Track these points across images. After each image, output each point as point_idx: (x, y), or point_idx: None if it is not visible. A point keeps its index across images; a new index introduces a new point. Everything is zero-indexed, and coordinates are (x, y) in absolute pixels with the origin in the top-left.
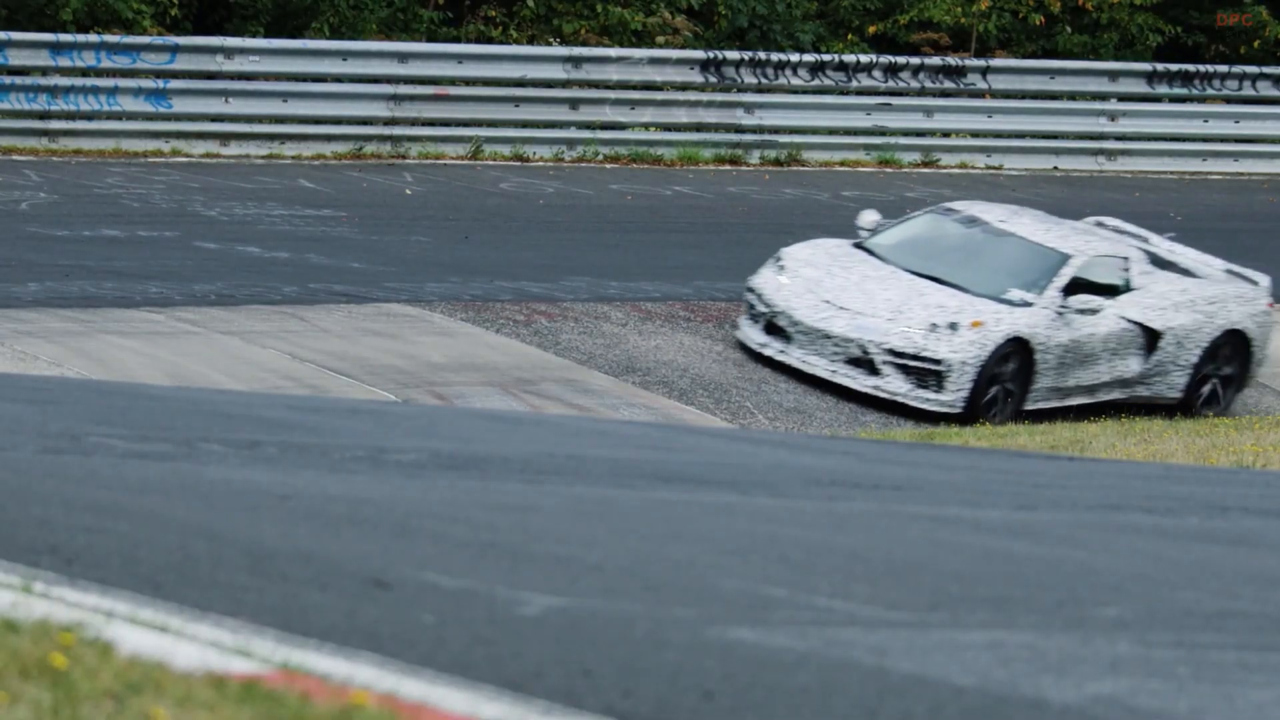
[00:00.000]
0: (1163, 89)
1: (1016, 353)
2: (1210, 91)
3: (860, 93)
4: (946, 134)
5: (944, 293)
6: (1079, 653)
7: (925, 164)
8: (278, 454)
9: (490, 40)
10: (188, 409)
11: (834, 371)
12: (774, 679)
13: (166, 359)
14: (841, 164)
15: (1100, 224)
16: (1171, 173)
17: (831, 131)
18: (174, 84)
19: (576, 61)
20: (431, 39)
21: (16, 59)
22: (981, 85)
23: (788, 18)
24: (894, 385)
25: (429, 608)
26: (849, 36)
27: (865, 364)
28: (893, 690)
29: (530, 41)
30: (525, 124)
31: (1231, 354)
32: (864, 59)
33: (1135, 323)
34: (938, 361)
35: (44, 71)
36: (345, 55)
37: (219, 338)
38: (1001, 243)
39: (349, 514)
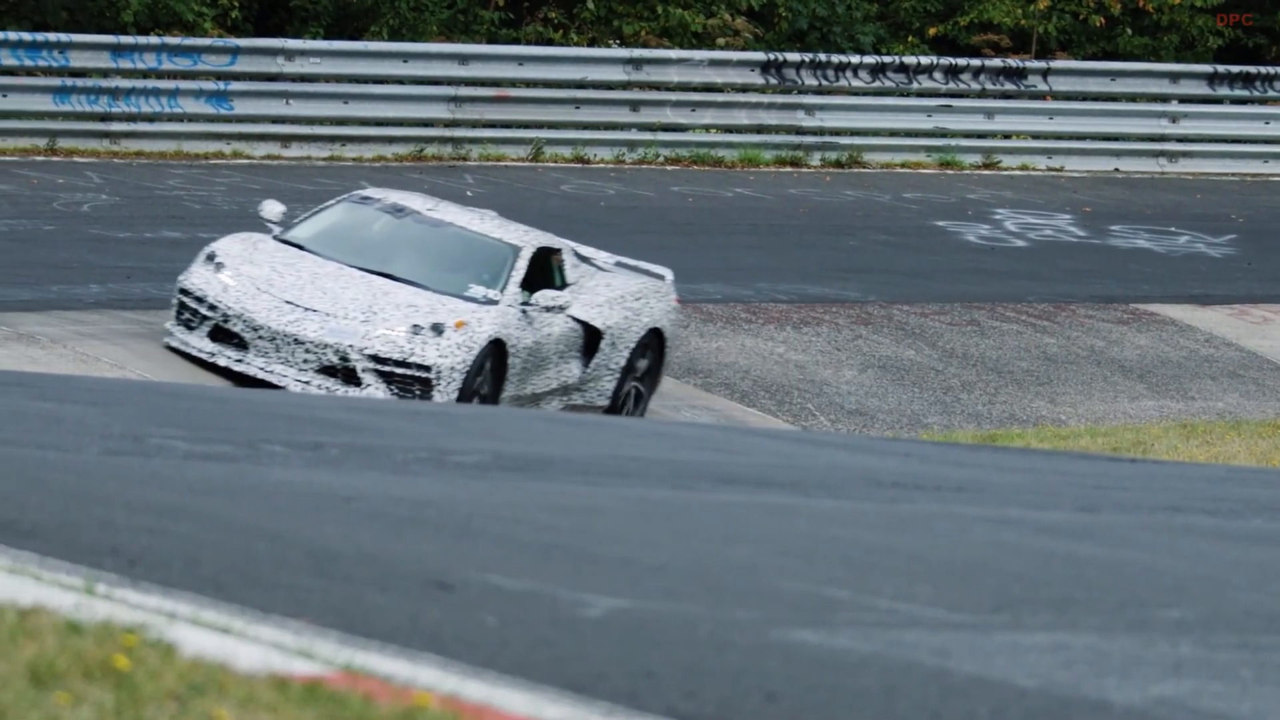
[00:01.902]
0: (1224, 90)
1: (493, 356)
2: (1271, 93)
3: (921, 94)
4: (1007, 136)
5: (407, 291)
6: (1142, 655)
7: (986, 166)
8: (340, 456)
9: (550, 42)
10: (250, 410)
11: (306, 382)
12: (836, 681)
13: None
14: (902, 166)
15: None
16: (1233, 174)
17: (892, 133)
18: (235, 86)
19: (637, 63)
20: (492, 41)
21: (78, 61)
22: (1042, 87)
23: (848, 19)
24: (377, 396)
25: (492, 609)
26: (909, 38)
27: (342, 372)
28: (955, 692)
29: (591, 43)
30: (586, 126)
31: (649, 354)
32: (925, 61)
33: (580, 322)
34: (426, 368)
35: (105, 73)
36: (406, 57)
37: None
38: (444, 235)
39: (412, 515)
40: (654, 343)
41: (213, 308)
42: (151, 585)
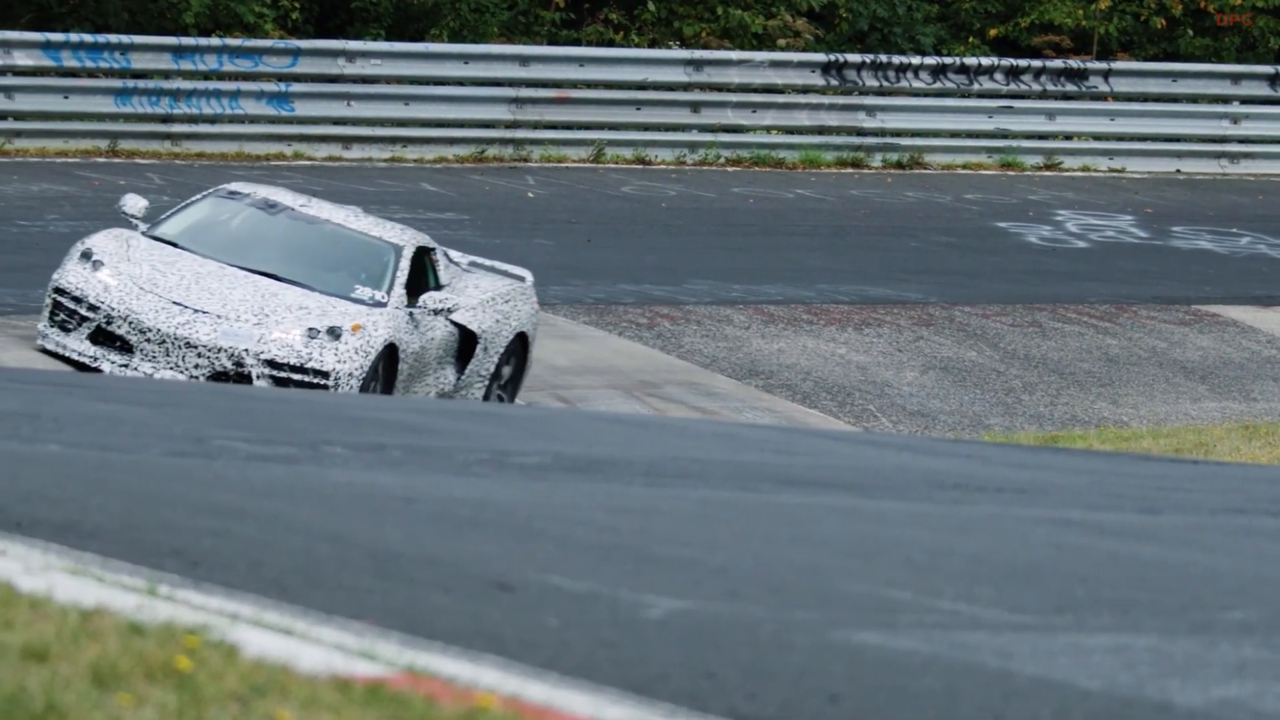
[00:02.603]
0: None
1: (385, 361)
2: None
3: (982, 95)
4: (1068, 137)
5: (294, 291)
6: (1204, 656)
7: (1048, 167)
8: (402, 457)
9: (611, 43)
10: (311, 412)
11: None
12: (899, 682)
13: None
14: (963, 167)
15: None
16: None
17: (953, 134)
18: (296, 87)
19: (698, 64)
20: (552, 42)
21: (139, 62)
22: (1103, 88)
23: (909, 20)
24: None
25: (553, 610)
26: (970, 39)
27: (235, 378)
28: (1018, 694)
29: (651, 44)
30: (647, 127)
31: (513, 360)
32: (985, 62)
33: (458, 325)
34: (324, 373)
35: (166, 75)
36: (467, 58)
37: None
38: (323, 233)
39: (473, 517)
40: (519, 348)
41: (93, 308)
42: (214, 586)
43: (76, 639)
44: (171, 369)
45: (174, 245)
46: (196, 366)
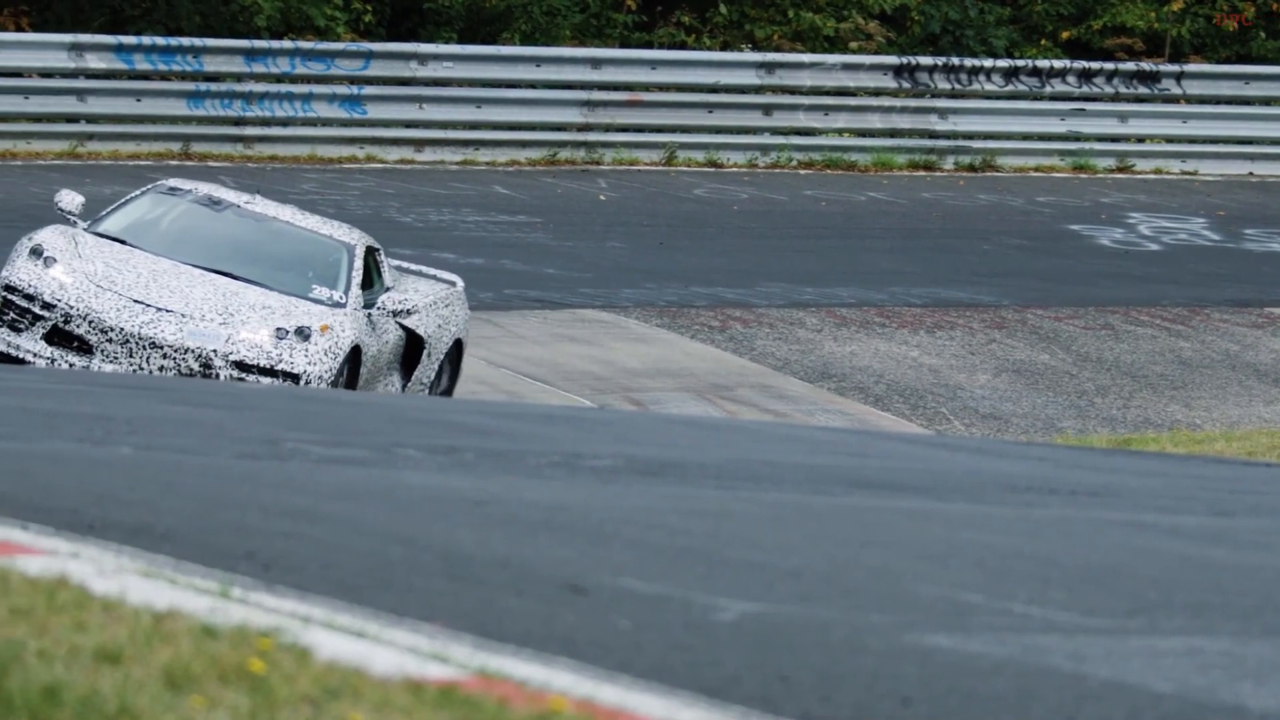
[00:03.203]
0: None
1: (349, 365)
2: None
3: (1054, 98)
4: (1141, 139)
5: (253, 290)
6: (1277, 659)
7: (1120, 169)
8: (474, 460)
9: (683, 46)
10: (383, 415)
11: None
12: (971, 685)
13: None
14: (1036, 170)
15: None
16: None
17: (1025, 137)
18: (368, 90)
19: (770, 67)
20: (624, 44)
21: (212, 65)
22: (1176, 90)
23: (981, 23)
24: None
25: (625, 613)
26: (1042, 42)
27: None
28: (1090, 697)
29: (723, 47)
30: (719, 130)
31: (448, 368)
32: (1058, 64)
33: (406, 329)
34: (295, 376)
35: (239, 78)
36: (539, 61)
37: None
38: (273, 231)
39: (545, 520)
40: (455, 355)
41: (48, 306)
42: (286, 589)
43: (149, 641)
44: (134, 370)
45: (121, 242)
46: (161, 368)
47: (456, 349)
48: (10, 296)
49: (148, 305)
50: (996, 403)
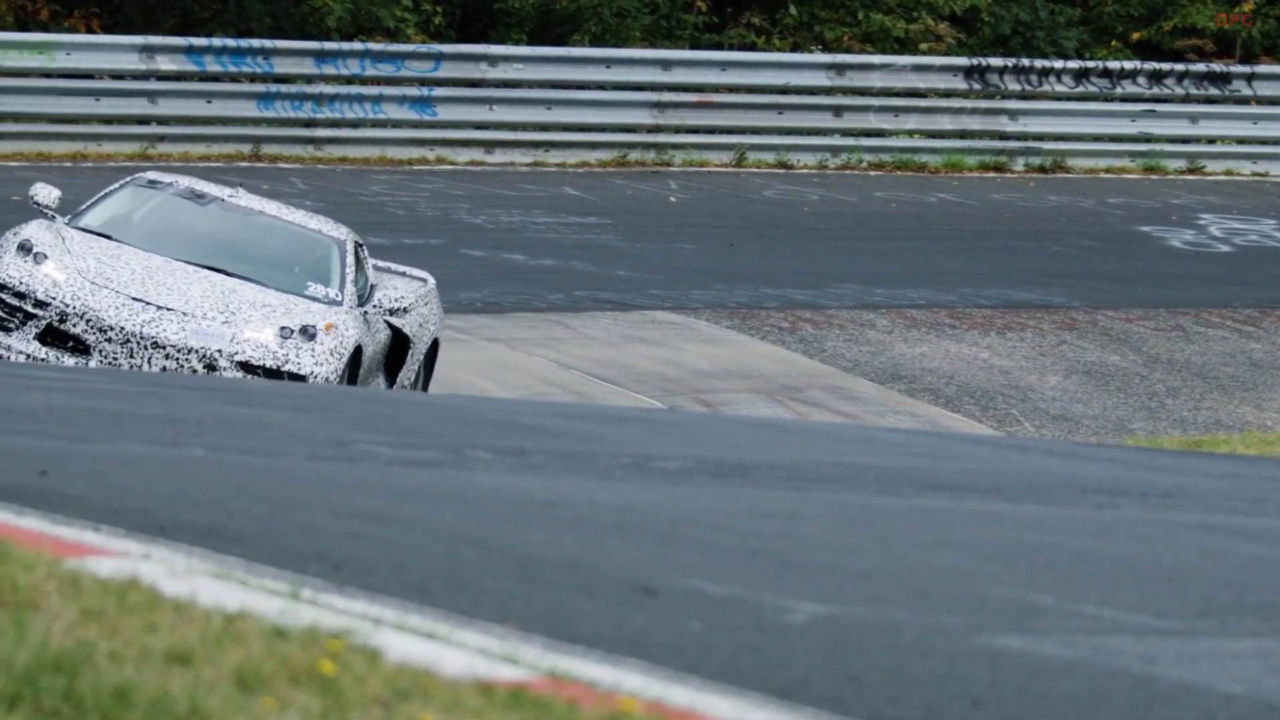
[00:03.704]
0: None
1: (350, 366)
2: None
3: (1124, 99)
4: (1212, 140)
5: (250, 288)
6: None
7: (1191, 171)
8: (544, 461)
9: (753, 47)
10: (454, 416)
11: None
12: (1041, 687)
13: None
14: (1106, 171)
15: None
16: None
17: (1096, 138)
18: (438, 91)
19: (840, 68)
20: (694, 46)
21: (282, 67)
22: (1246, 92)
23: (1051, 24)
24: None
25: (695, 615)
26: (1112, 43)
27: None
28: (1161, 699)
29: (793, 48)
30: (789, 131)
31: (423, 370)
32: (1128, 66)
33: (393, 328)
34: (302, 377)
35: (309, 79)
36: (609, 62)
37: (485, 345)
38: (262, 226)
39: (615, 521)
40: (430, 356)
41: (41, 305)
42: (357, 590)
43: (220, 643)
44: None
45: (107, 238)
46: (163, 369)
47: (433, 350)
48: (0, 295)
49: (147, 303)
50: (1067, 404)
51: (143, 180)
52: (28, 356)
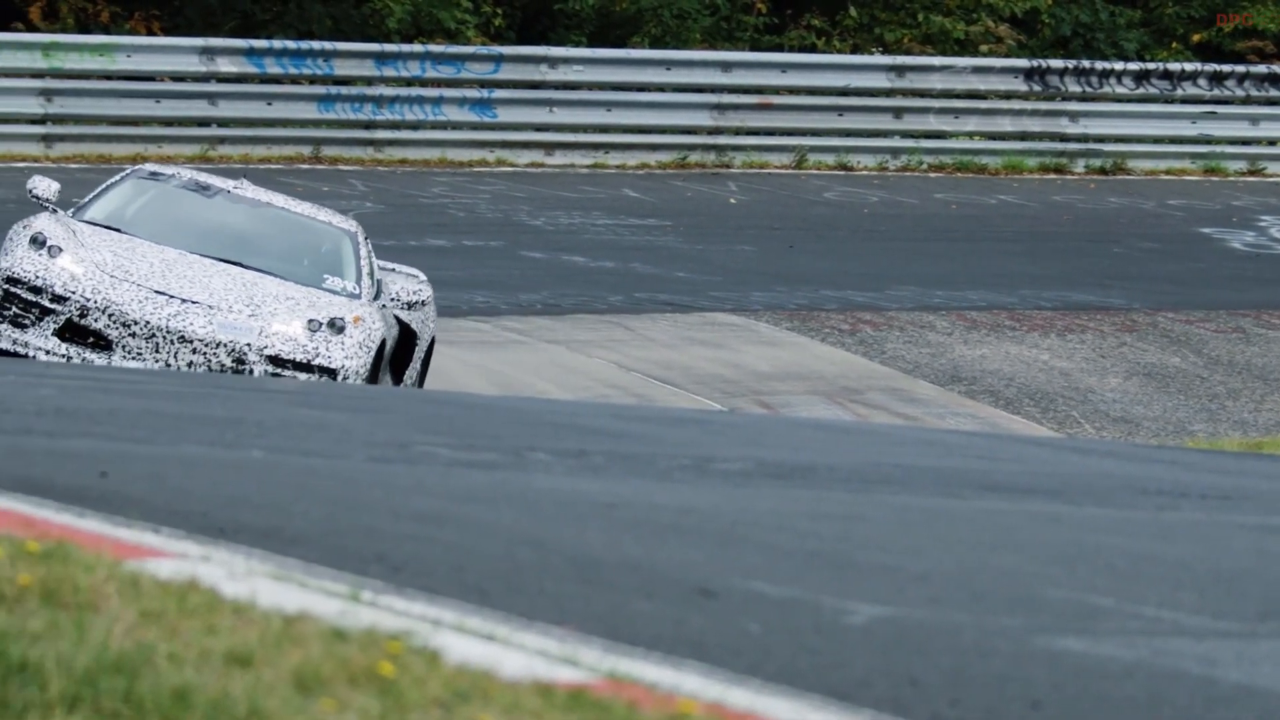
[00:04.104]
0: None
1: (377, 360)
2: None
3: (1185, 101)
4: (1272, 141)
5: (270, 280)
6: None
7: (1251, 172)
8: (604, 463)
9: (813, 49)
10: (514, 418)
11: None
12: (1101, 688)
13: (493, 368)
14: (1167, 173)
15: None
16: None
17: (1156, 140)
18: (498, 94)
19: (900, 70)
20: (754, 47)
21: (342, 69)
22: None
23: (1111, 26)
24: None
25: (755, 616)
26: (1173, 45)
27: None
28: (1221, 700)
29: (853, 50)
30: (849, 132)
31: (420, 369)
32: (1189, 67)
33: (401, 324)
34: (333, 371)
35: (369, 81)
36: (669, 64)
37: (545, 347)
38: (271, 218)
39: (675, 523)
40: (427, 355)
41: (59, 299)
42: (416, 592)
43: (279, 644)
44: (159, 366)
45: (116, 230)
46: (190, 364)
47: (430, 348)
48: (13, 289)
49: (171, 296)
50: (1127, 406)
51: (144, 172)
52: (46, 353)
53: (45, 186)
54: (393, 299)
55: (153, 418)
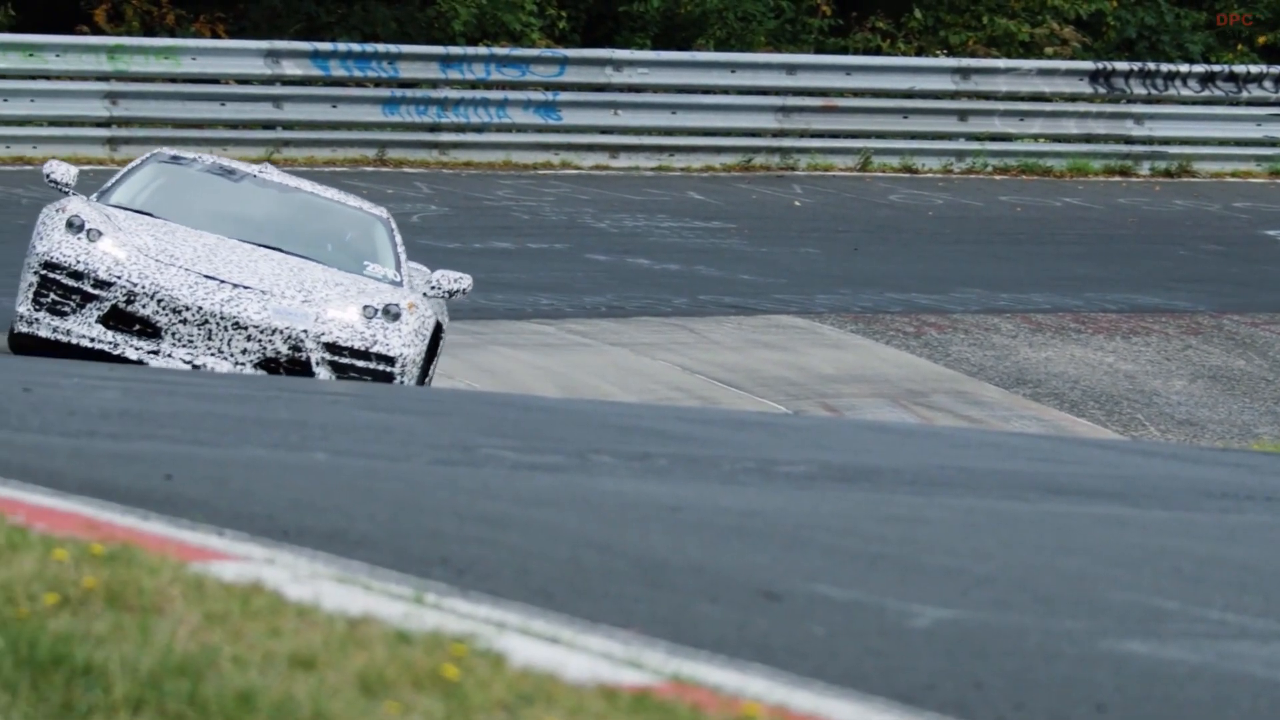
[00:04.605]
0: None
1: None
2: None
3: (1250, 103)
4: None
5: (315, 267)
6: None
7: None
8: (668, 466)
9: (878, 51)
10: (578, 421)
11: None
12: (1166, 691)
13: (557, 370)
14: (1232, 175)
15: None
16: None
17: (1222, 142)
18: (563, 96)
19: (965, 73)
20: (819, 50)
21: (407, 72)
22: None
23: (1177, 28)
24: None
25: (819, 619)
26: (1239, 47)
27: (287, 365)
28: None
29: (918, 53)
30: (914, 135)
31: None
32: (1254, 69)
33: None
34: (391, 359)
35: (434, 84)
36: (733, 67)
37: (609, 349)
38: (303, 203)
39: (739, 526)
40: (435, 343)
41: (103, 284)
42: (480, 595)
43: (344, 647)
44: (212, 355)
45: (149, 215)
46: (244, 351)
47: (438, 335)
48: (52, 275)
49: (222, 281)
50: (1192, 408)
51: (164, 156)
52: (90, 341)
53: (63, 172)
54: (433, 286)
55: (216, 420)
